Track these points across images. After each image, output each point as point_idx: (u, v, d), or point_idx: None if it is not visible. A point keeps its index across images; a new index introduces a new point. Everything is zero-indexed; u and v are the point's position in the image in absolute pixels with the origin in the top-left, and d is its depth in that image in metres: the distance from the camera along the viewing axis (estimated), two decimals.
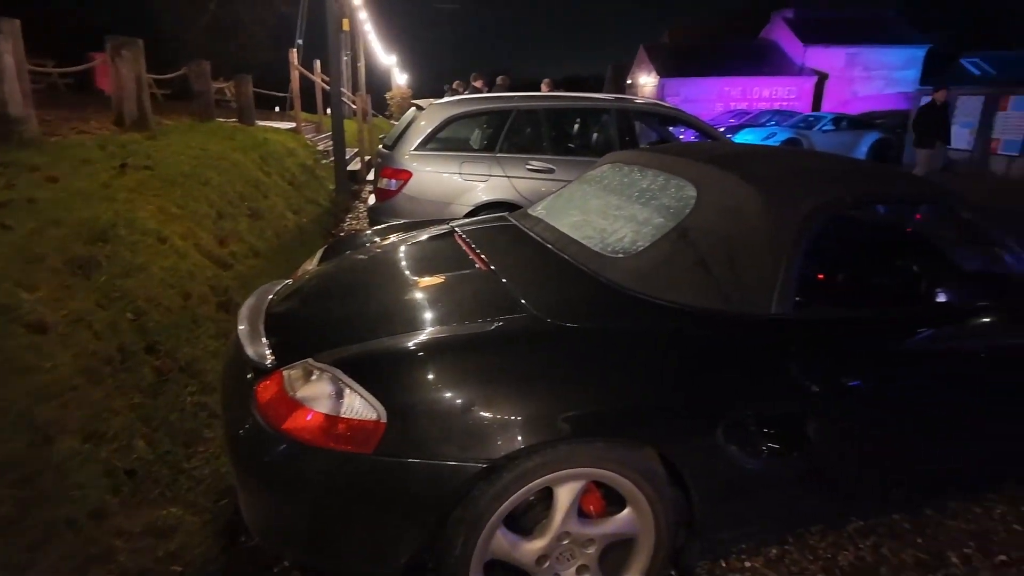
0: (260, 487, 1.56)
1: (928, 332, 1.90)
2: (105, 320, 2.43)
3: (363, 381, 1.46)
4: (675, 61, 26.16)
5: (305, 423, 1.46)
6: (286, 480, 1.49)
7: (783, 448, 1.70)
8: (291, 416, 1.48)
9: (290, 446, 1.47)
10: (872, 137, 15.46)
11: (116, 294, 2.61)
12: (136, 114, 5.55)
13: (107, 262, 2.72)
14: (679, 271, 1.80)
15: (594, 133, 5.26)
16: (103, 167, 3.75)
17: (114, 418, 2.10)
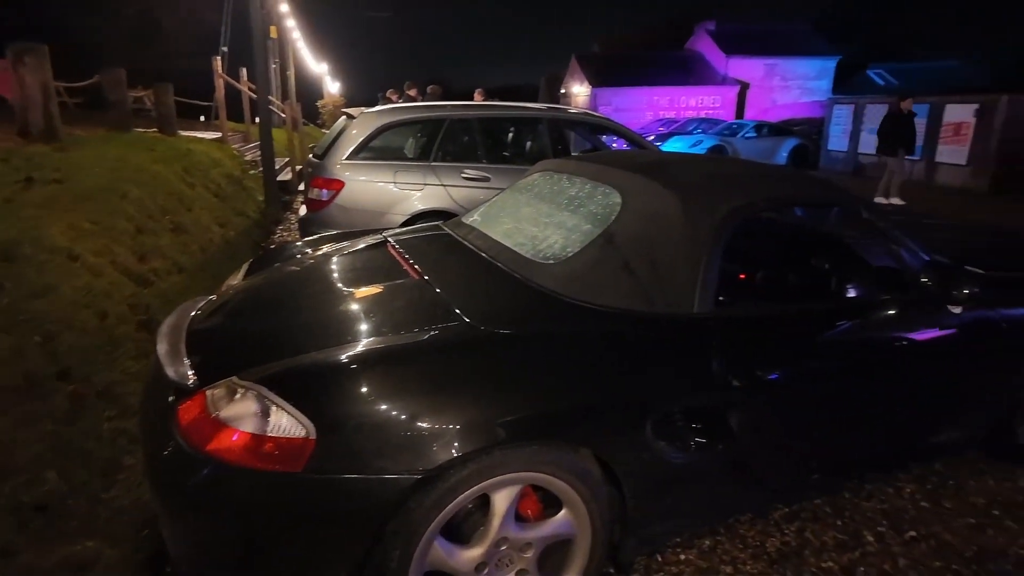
0: (184, 513, 1.49)
1: (837, 325, 2.03)
2: (8, 345, 2.27)
3: (290, 398, 1.42)
4: (606, 71, 26.87)
5: (230, 444, 1.41)
6: (212, 504, 1.43)
7: (710, 441, 1.78)
8: (215, 437, 1.43)
9: (215, 468, 1.41)
10: (791, 143, 16.36)
11: (22, 317, 2.44)
12: (43, 125, 5.20)
13: (11, 284, 2.54)
14: (606, 275, 1.85)
15: (528, 142, 5.33)
16: (6, 181, 3.50)
17: (20, 450, 1.96)
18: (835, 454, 2.14)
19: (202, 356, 1.72)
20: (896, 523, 2.21)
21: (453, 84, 34.65)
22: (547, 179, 2.52)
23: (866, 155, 14.33)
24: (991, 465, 2.55)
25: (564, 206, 2.24)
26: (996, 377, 2.30)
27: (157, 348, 1.75)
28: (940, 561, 2.03)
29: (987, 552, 2.07)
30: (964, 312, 2.14)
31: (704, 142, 15.97)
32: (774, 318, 1.99)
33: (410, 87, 10.60)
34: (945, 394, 2.25)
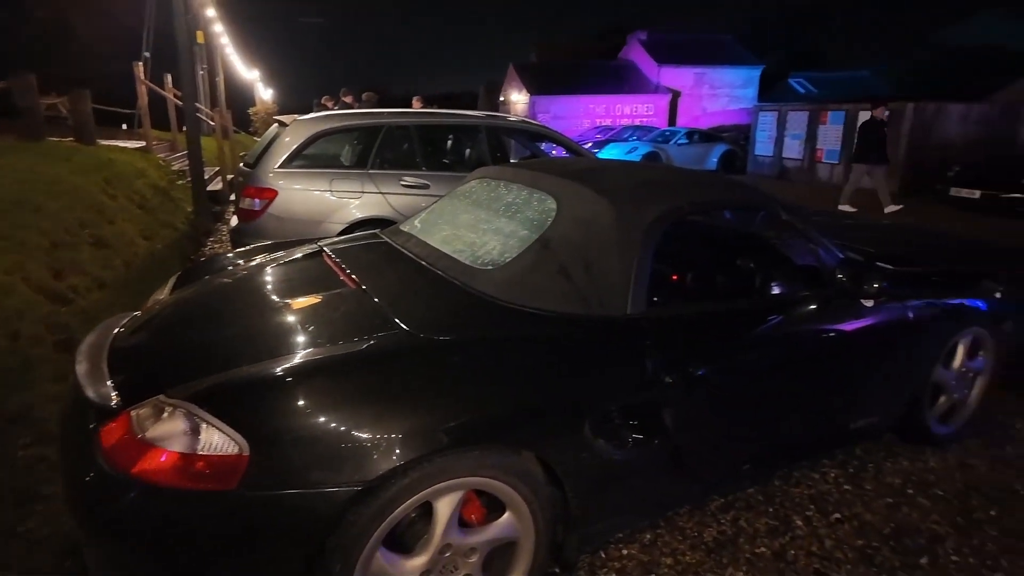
0: (111, 540, 1.42)
1: (762, 320, 2.15)
2: None
3: (221, 414, 1.38)
4: (544, 79, 27.29)
5: (158, 464, 1.36)
6: (141, 528, 1.37)
7: (647, 438, 1.84)
8: (142, 459, 1.37)
9: (142, 491, 1.35)
10: (720, 149, 17.08)
11: None
12: None
13: None
14: (543, 279, 1.89)
15: (467, 149, 5.35)
16: None
17: None
18: (764, 444, 2.25)
19: (125, 375, 1.65)
20: (822, 507, 2.34)
21: (391, 91, 34.38)
22: (484, 186, 2.55)
23: (790, 159, 15.11)
24: (905, 447, 2.74)
25: (501, 212, 2.27)
26: (906, 365, 2.48)
27: (76, 368, 1.66)
28: (862, 540, 2.16)
29: (903, 529, 2.23)
30: (876, 305, 2.30)
31: (639, 149, 16.45)
32: (704, 316, 2.08)
33: (346, 94, 10.44)
34: (861, 382, 2.41)
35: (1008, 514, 2.31)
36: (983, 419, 2.93)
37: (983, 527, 2.24)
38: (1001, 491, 2.45)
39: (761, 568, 2.02)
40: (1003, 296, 2.79)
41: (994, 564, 2.06)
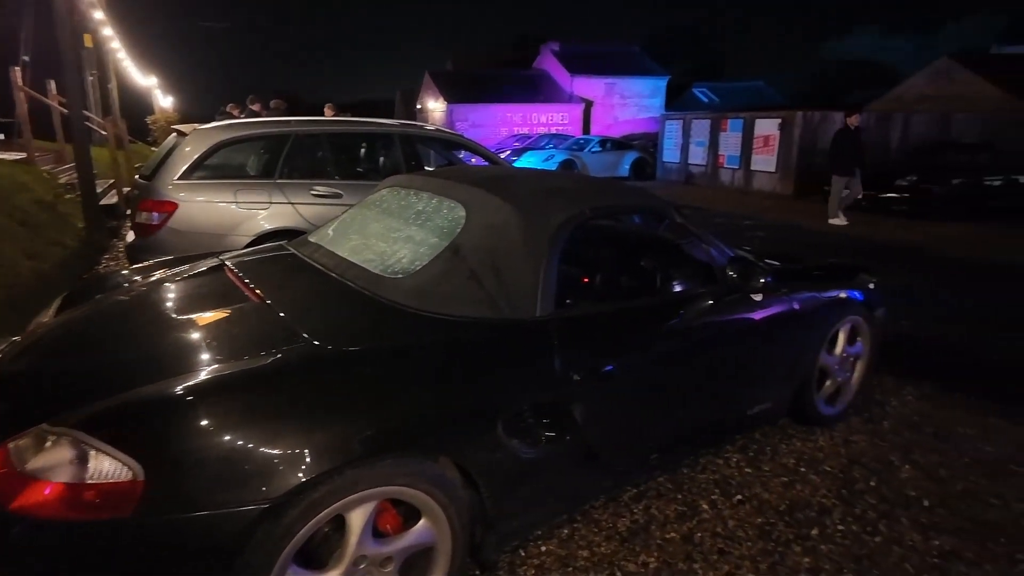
0: None
1: (663, 316, 2.28)
2: None
3: (111, 439, 1.31)
4: (460, 87, 27.39)
5: (43, 497, 1.27)
6: (27, 567, 1.28)
7: (559, 435, 1.90)
8: (23, 493, 1.28)
9: (26, 527, 1.27)
10: (632, 156, 17.77)
11: None
12: None
13: None
14: (454, 286, 1.92)
15: (381, 157, 5.30)
16: None
17: None
18: (670, 434, 2.37)
19: (4, 405, 1.53)
20: (725, 490, 2.50)
21: (305, 98, 33.37)
22: (394, 195, 2.55)
23: (695, 165, 15.94)
24: (797, 429, 2.97)
25: (411, 221, 2.28)
26: (793, 352, 2.69)
27: None
28: (761, 518, 2.32)
29: (796, 504, 2.41)
30: (764, 299, 2.48)
31: (555, 156, 16.83)
32: (609, 315, 2.17)
33: (253, 101, 10.06)
34: (755, 370, 2.59)
35: (885, 483, 2.55)
36: (864, 399, 3.24)
37: (864, 496, 2.47)
38: (879, 463, 2.71)
39: (671, 552, 2.13)
40: (876, 287, 3.09)
41: (873, 529, 2.27)
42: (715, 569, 2.05)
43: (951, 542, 2.20)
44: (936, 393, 3.41)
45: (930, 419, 3.11)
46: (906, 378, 3.58)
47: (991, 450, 2.82)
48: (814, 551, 2.14)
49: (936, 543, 2.19)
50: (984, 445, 2.86)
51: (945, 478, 2.59)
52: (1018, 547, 2.17)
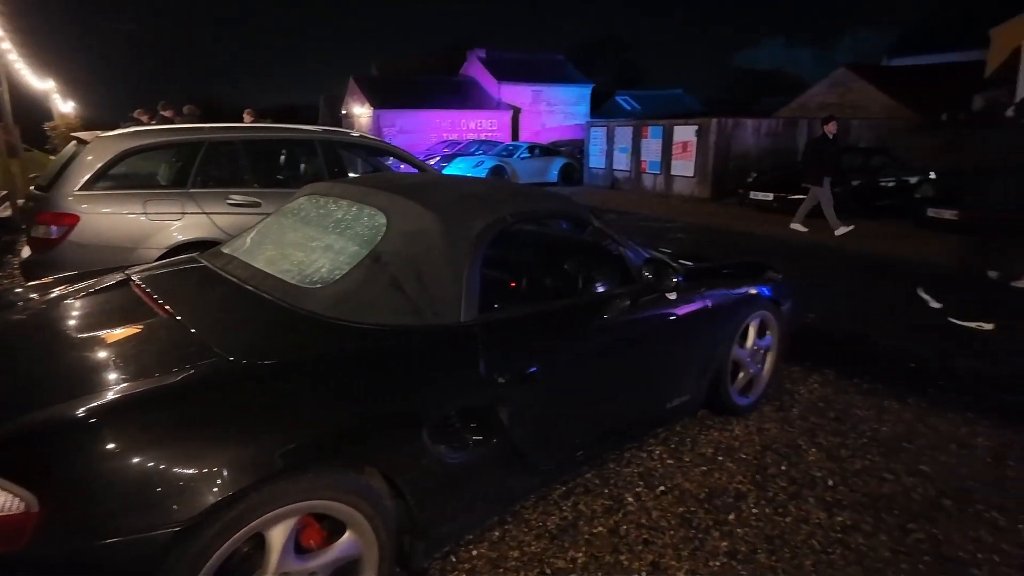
0: None
1: (584, 317, 2.35)
2: None
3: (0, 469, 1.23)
4: (387, 93, 27.04)
5: None
6: None
7: (486, 438, 1.93)
8: None
9: None
10: (559, 162, 18.11)
11: None
12: None
13: None
14: (375, 294, 1.90)
15: (302, 164, 5.16)
16: None
17: None
18: (596, 430, 2.44)
19: None
20: (649, 482, 2.60)
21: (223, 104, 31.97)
22: (313, 203, 2.50)
23: (620, 171, 16.43)
24: (715, 420, 3.13)
25: (330, 229, 2.25)
26: (708, 347, 2.84)
27: None
28: (682, 507, 2.43)
29: (715, 491, 2.54)
30: (679, 297, 2.61)
31: (485, 162, 16.90)
32: (532, 317, 2.22)
33: (165, 107, 9.54)
34: (672, 365, 2.71)
35: (794, 466, 2.73)
36: (775, 388, 3.45)
37: (776, 480, 2.63)
38: (789, 447, 2.89)
39: (598, 546, 2.19)
40: (782, 282, 3.30)
41: (784, 510, 2.42)
42: (640, 559, 2.13)
43: (851, 516, 2.38)
44: (838, 379, 3.67)
45: (832, 404, 3.35)
46: (812, 367, 3.84)
47: (885, 430, 3.07)
48: (731, 535, 2.26)
49: (839, 519, 2.36)
50: (879, 425, 3.11)
51: (845, 458, 2.80)
52: (909, 517, 2.38)
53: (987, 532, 2.29)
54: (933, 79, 17.81)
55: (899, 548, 2.20)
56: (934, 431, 3.06)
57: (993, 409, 3.30)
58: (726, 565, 2.11)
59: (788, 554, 2.16)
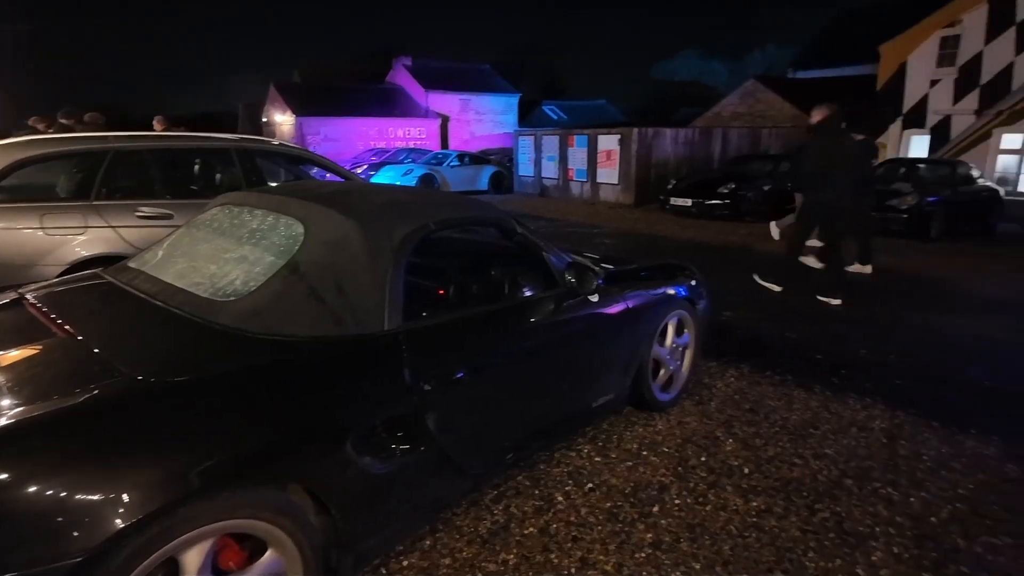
0: None
1: (510, 321, 2.39)
2: None
3: None
4: (310, 100, 26.35)
5: None
6: None
7: (413, 446, 1.92)
8: None
9: None
10: (489, 170, 18.24)
11: None
12: None
13: None
14: (293, 305, 1.87)
15: (217, 174, 4.97)
16: None
17: None
18: (525, 432, 2.48)
19: None
20: (578, 480, 2.66)
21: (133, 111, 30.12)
22: (227, 213, 2.42)
23: (548, 179, 16.73)
24: (639, 416, 3.25)
25: (245, 240, 2.18)
26: (629, 346, 2.94)
27: None
28: (610, 502, 2.51)
29: (639, 485, 2.63)
30: (600, 299, 2.69)
31: (415, 171, 16.79)
32: (458, 323, 2.23)
33: (66, 115, 8.92)
34: (596, 365, 2.79)
35: (712, 456, 2.87)
36: (694, 383, 3.61)
37: (696, 471, 2.75)
38: (708, 439, 3.04)
39: (529, 547, 2.22)
40: (698, 283, 3.47)
41: (704, 499, 2.54)
42: (569, 556, 2.18)
43: (765, 501, 2.52)
44: (751, 372, 3.89)
45: (747, 396, 3.55)
46: (728, 362, 4.05)
47: (794, 418, 3.28)
48: (655, 526, 2.35)
49: (754, 504, 2.50)
50: (789, 414, 3.32)
51: (759, 446, 2.97)
52: (816, 498, 2.55)
53: (883, 507, 2.49)
54: (833, 90, 19.13)
55: (807, 528, 2.35)
56: (837, 416, 3.30)
57: (886, 393, 3.59)
58: (651, 556, 2.19)
59: (708, 541, 2.27)
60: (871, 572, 2.12)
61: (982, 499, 2.54)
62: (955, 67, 13.67)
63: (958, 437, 3.07)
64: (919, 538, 2.29)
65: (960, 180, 9.72)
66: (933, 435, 3.09)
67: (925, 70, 14.26)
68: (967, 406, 3.44)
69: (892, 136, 14.96)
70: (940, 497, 2.56)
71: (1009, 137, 13.05)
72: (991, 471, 2.76)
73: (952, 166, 10.07)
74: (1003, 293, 6.18)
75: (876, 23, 18.02)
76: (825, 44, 24.57)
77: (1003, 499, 2.54)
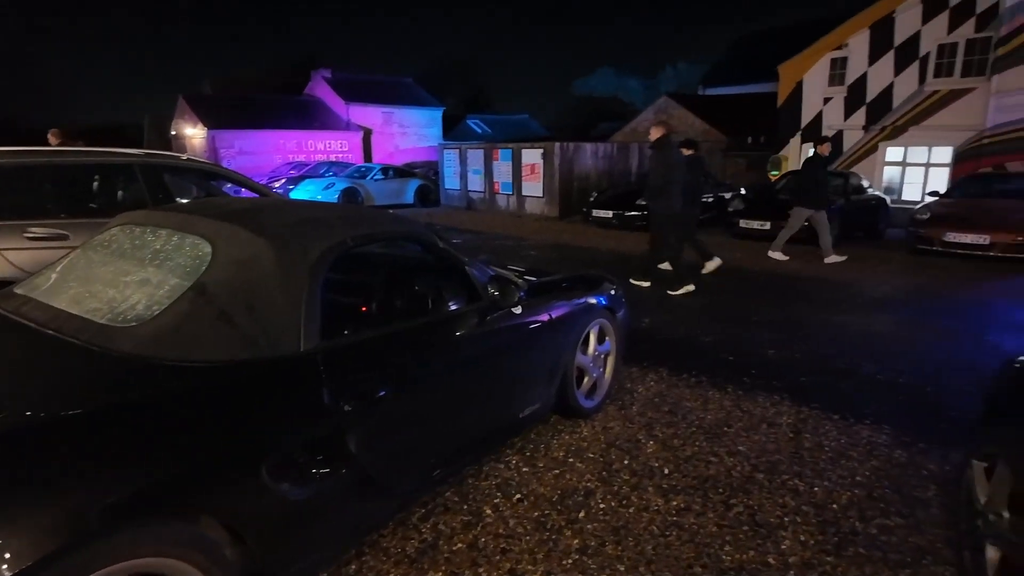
0: None
1: (433, 336, 2.38)
2: None
3: None
4: (223, 112, 25.25)
5: None
6: None
7: (333, 469, 1.87)
8: None
9: None
10: (415, 183, 18.11)
11: None
12: None
13: None
14: (201, 329, 1.78)
15: (119, 192, 4.67)
16: None
17: None
18: (451, 448, 2.47)
19: None
20: (506, 491, 2.67)
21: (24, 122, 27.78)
22: (127, 233, 2.28)
23: (475, 192, 16.80)
24: (565, 424, 3.31)
25: (148, 261, 2.07)
26: (553, 356, 3.00)
27: None
28: (537, 511, 2.53)
29: (566, 492, 2.68)
30: (523, 311, 2.74)
31: (337, 184, 16.41)
32: (380, 340, 2.20)
33: None
34: (521, 376, 2.83)
35: (634, 459, 2.97)
36: (617, 389, 3.72)
37: (620, 474, 2.83)
38: (630, 442, 3.14)
39: (457, 563, 2.21)
40: (617, 291, 3.59)
41: (627, 502, 2.62)
42: (498, 569, 2.18)
43: (684, 499, 2.63)
44: (670, 376, 4.06)
45: (666, 398, 3.69)
46: (648, 366, 4.21)
47: (710, 417, 3.44)
48: (582, 532, 2.40)
49: (674, 503, 2.61)
50: (705, 414, 3.48)
51: (678, 446, 3.10)
52: (731, 493, 2.68)
53: (791, 497, 2.66)
54: (739, 106, 20.43)
55: (723, 522, 2.47)
56: (748, 414, 3.49)
57: (792, 390, 3.84)
58: (578, 561, 2.23)
59: (632, 542, 2.34)
60: (781, 560, 2.25)
61: (876, 484, 2.76)
62: (844, 86, 14.87)
63: (855, 427, 3.32)
64: (822, 524, 2.46)
65: (852, 190, 10.58)
66: (834, 427, 3.33)
67: (819, 88, 15.43)
68: (862, 398, 3.73)
69: (793, 149, 16.05)
70: (840, 485, 2.76)
71: (892, 150, 14.32)
72: (883, 457, 3.01)
73: (845, 177, 10.93)
74: (891, 292, 6.76)
75: (775, 45, 19.37)
76: (731, 63, 26.16)
77: (893, 482, 2.77)
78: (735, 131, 18.31)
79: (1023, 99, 12.12)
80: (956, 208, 8.63)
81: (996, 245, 8.10)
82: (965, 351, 4.63)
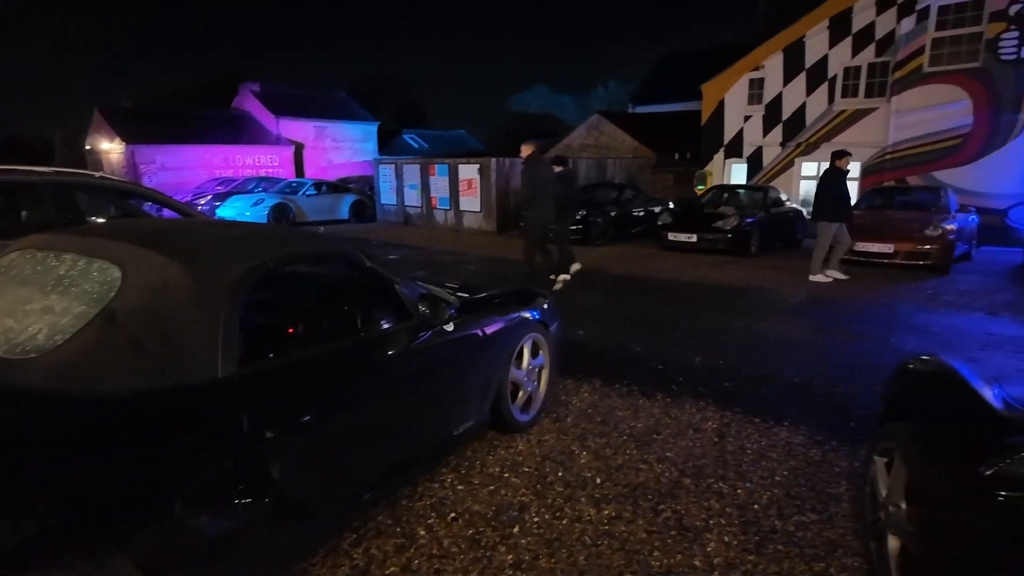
0: None
1: (361, 356, 2.35)
2: None
3: None
4: (143, 127, 24.03)
5: None
6: None
7: (255, 499, 1.81)
8: None
9: None
10: (350, 199, 17.82)
11: None
12: None
13: None
14: (109, 358, 1.70)
15: (24, 212, 4.38)
16: None
17: None
18: (382, 470, 2.44)
19: None
20: (441, 511, 2.66)
21: None
22: (28, 258, 2.15)
23: (412, 207, 16.68)
24: (501, 439, 3.33)
25: (51, 288, 1.95)
26: (486, 372, 3.02)
27: None
28: (472, 529, 2.53)
29: (500, 508, 2.69)
30: (455, 328, 2.74)
31: (266, 200, 15.93)
32: (305, 363, 2.15)
33: None
34: (454, 393, 2.83)
35: (568, 471, 3.01)
36: (552, 401, 3.77)
37: (553, 486, 2.87)
38: (564, 453, 3.19)
39: None
40: (550, 305, 3.65)
41: (561, 513, 2.65)
42: None
43: (615, 508, 2.69)
44: (603, 386, 4.15)
45: (599, 409, 3.77)
46: (582, 378, 4.29)
47: (639, 425, 3.54)
48: (516, 546, 2.42)
49: (605, 512, 2.66)
50: (635, 422, 3.58)
51: (609, 455, 3.17)
52: (659, 499, 2.77)
53: (715, 500, 2.77)
54: (666, 124, 21.25)
55: (652, 528, 2.55)
56: (676, 421, 3.62)
57: (717, 395, 4.01)
58: None
59: (565, 554, 2.37)
60: (706, 562, 2.34)
61: (793, 483, 2.92)
62: (762, 105, 15.77)
63: (774, 429, 3.50)
64: (744, 524, 2.58)
65: (771, 203, 11.21)
66: (755, 430, 3.50)
67: (739, 107, 16.29)
68: (781, 401, 3.94)
69: (717, 164, 16.84)
70: (760, 485, 2.90)
71: (807, 165, 15.27)
72: (799, 457, 3.18)
73: (764, 191, 11.57)
74: (806, 299, 7.18)
75: (698, 65, 20.31)
76: (657, 82, 27.18)
77: (809, 481, 2.94)
78: (663, 148, 19.02)
79: (919, 118, 13.24)
80: (863, 219, 9.28)
81: (899, 253, 8.76)
82: (873, 352, 4.97)
